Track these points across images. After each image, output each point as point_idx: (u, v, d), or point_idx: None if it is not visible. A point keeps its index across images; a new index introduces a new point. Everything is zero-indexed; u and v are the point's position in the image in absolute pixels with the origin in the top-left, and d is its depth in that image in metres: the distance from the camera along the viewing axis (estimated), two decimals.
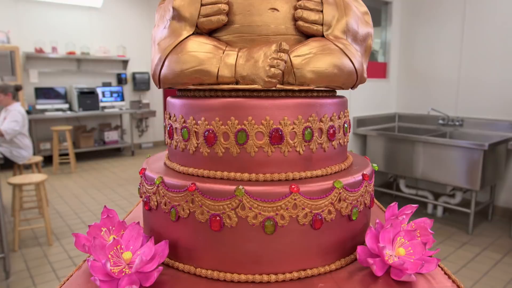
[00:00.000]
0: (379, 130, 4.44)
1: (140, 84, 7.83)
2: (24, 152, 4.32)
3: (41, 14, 6.72)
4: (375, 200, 1.06)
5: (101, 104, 7.11)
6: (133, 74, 7.79)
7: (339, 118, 0.81)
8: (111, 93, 7.36)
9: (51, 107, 6.71)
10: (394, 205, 0.84)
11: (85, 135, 7.02)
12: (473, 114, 4.28)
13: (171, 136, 0.84)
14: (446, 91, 4.49)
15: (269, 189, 0.70)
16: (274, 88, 0.72)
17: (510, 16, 3.90)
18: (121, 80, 7.58)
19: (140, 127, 8.21)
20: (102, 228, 0.78)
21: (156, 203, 0.78)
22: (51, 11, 6.81)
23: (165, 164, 0.88)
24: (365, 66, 0.84)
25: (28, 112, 6.40)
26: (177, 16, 0.78)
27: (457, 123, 4.35)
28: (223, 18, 0.76)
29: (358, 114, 4.45)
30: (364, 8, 0.89)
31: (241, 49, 0.75)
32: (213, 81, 0.74)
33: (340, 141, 0.83)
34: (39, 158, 4.57)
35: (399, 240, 0.73)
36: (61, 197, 4.93)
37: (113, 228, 0.78)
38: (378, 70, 4.78)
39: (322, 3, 0.77)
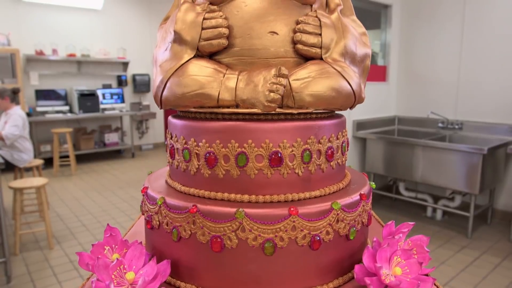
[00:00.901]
0: (378, 133, 4.46)
1: (140, 86, 7.85)
2: (25, 155, 4.34)
3: (41, 17, 6.73)
4: (373, 214, 1.07)
5: (102, 106, 7.12)
6: (133, 76, 7.81)
7: (337, 138, 0.83)
8: (111, 95, 7.38)
9: (52, 109, 6.73)
10: (391, 223, 0.85)
11: (85, 137, 7.03)
12: (472, 117, 4.29)
13: (172, 156, 0.86)
14: (446, 94, 4.51)
15: (268, 212, 0.71)
16: (273, 112, 0.74)
17: (509, 20, 3.91)
18: (121, 82, 7.60)
19: (140, 129, 8.23)
20: (105, 247, 0.80)
21: (158, 222, 0.80)
22: (51, 14, 6.83)
23: (166, 182, 0.89)
24: (363, 86, 0.86)
25: (29, 115, 6.42)
26: (178, 39, 0.80)
27: (456, 127, 4.36)
28: (223, 42, 0.78)
29: (357, 117, 4.46)
30: (362, 29, 0.90)
31: (241, 72, 0.77)
32: (214, 104, 0.76)
33: (338, 160, 0.84)
34: (39, 161, 4.58)
35: (396, 259, 0.75)
36: (61, 199, 4.95)
37: (116, 247, 0.80)
38: (378, 73, 4.80)
39: (320, 26, 0.79)
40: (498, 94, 4.07)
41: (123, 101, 7.50)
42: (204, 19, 0.78)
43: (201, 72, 0.76)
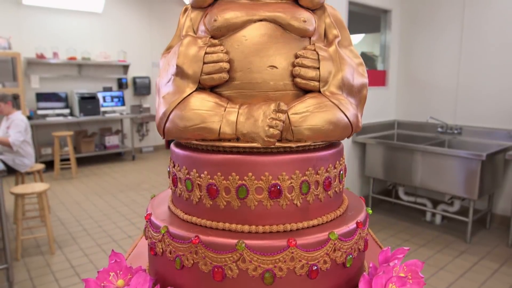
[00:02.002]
0: (378, 138, 4.48)
1: (141, 88, 7.87)
2: (27, 160, 4.36)
3: (42, 20, 6.76)
4: (371, 234, 1.10)
5: (102, 109, 7.15)
6: (134, 78, 7.84)
7: (334, 168, 0.86)
8: (112, 97, 7.41)
9: (52, 112, 6.76)
10: (387, 249, 0.88)
11: (86, 140, 7.06)
12: (471, 122, 4.32)
13: (175, 184, 0.88)
14: (445, 99, 4.53)
15: (268, 243, 0.74)
16: (273, 146, 0.77)
17: (508, 25, 3.94)
18: (121, 85, 7.63)
19: (140, 131, 8.25)
20: (110, 273, 0.82)
21: (161, 250, 0.82)
22: (52, 17, 6.85)
23: (169, 208, 0.92)
24: (359, 116, 0.88)
25: (30, 118, 6.44)
26: (181, 73, 0.83)
27: (455, 131, 4.39)
28: (224, 76, 0.80)
29: None
30: (359, 60, 0.93)
31: (242, 105, 0.80)
32: (215, 137, 0.78)
33: (336, 189, 0.87)
34: (41, 166, 4.61)
35: (391, 286, 0.77)
36: (62, 203, 4.98)
37: (121, 273, 0.83)
38: (377, 78, 4.82)
39: (318, 59, 0.81)
40: (497, 99, 4.10)
41: (123, 103, 7.53)
42: (205, 53, 0.81)
43: (202, 106, 0.78)
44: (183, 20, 0.93)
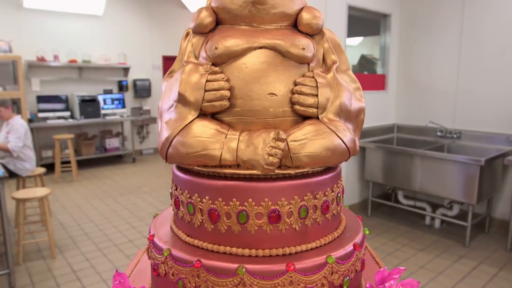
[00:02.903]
0: (377, 142, 4.50)
1: (141, 91, 7.90)
2: (28, 164, 4.38)
3: (43, 23, 6.78)
4: (369, 249, 1.12)
5: (103, 112, 7.17)
6: (134, 81, 7.86)
7: (332, 191, 0.88)
8: (112, 100, 7.43)
9: (53, 115, 6.78)
10: (383, 270, 0.90)
11: (86, 143, 7.08)
12: (470, 127, 4.34)
13: (177, 206, 0.90)
14: (444, 103, 4.55)
15: (267, 268, 0.76)
16: (272, 173, 0.79)
17: (506, 30, 3.96)
18: (122, 87, 7.65)
19: (141, 134, 8.28)
20: None
21: (164, 271, 0.84)
22: (52, 20, 6.88)
23: (171, 229, 0.94)
24: (357, 140, 0.90)
25: (30, 121, 6.47)
26: (183, 100, 0.85)
27: (455, 136, 4.41)
28: (225, 103, 0.83)
29: None
30: (357, 84, 0.95)
31: (242, 132, 0.82)
32: (217, 164, 0.81)
33: (334, 211, 0.89)
34: (42, 170, 4.62)
35: None
36: (63, 206, 5.00)
37: None
38: (377, 82, 4.85)
39: (317, 87, 0.84)
40: (495, 104, 4.12)
41: (124, 106, 7.55)
42: (207, 81, 0.83)
43: (204, 133, 0.80)
44: (185, 45, 0.95)
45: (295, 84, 0.84)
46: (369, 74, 4.94)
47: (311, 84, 0.83)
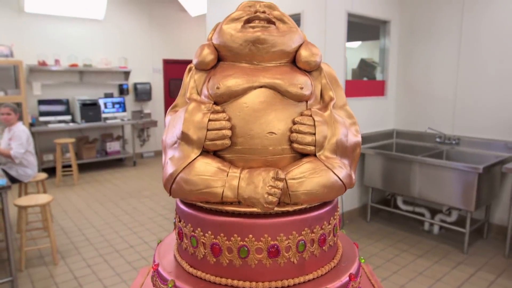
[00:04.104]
0: (377, 148, 4.54)
1: (142, 94, 7.94)
2: (30, 170, 4.42)
3: (44, 27, 6.82)
4: (366, 272, 1.15)
5: (103, 115, 7.21)
6: (135, 84, 7.90)
7: (329, 224, 0.91)
8: (113, 104, 7.46)
9: (54, 119, 6.81)
10: None
11: (87, 146, 7.12)
12: (469, 133, 4.37)
13: (181, 238, 0.94)
14: (443, 109, 4.58)
15: None
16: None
17: (506, 36, 3.99)
18: (122, 91, 7.69)
19: (141, 137, 8.31)
20: None
21: None
22: (53, 24, 6.91)
23: (175, 257, 0.98)
24: (353, 174, 0.94)
25: (32, 125, 6.51)
26: (186, 138, 0.88)
27: (453, 142, 4.44)
28: (226, 142, 0.86)
29: None
30: (353, 120, 0.99)
31: (243, 169, 0.85)
32: (218, 201, 0.84)
33: (330, 243, 0.93)
34: (43, 176, 4.65)
35: None
36: (64, 211, 5.03)
37: None
38: (377, 88, 4.88)
39: (314, 125, 0.87)
40: (494, 111, 4.15)
41: (124, 109, 7.58)
42: (209, 120, 0.86)
43: (206, 171, 0.84)
44: (187, 80, 0.98)
45: (294, 123, 0.88)
46: (369, 80, 4.97)
47: (309, 122, 0.87)
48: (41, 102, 6.75)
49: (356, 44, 6.13)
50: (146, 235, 4.27)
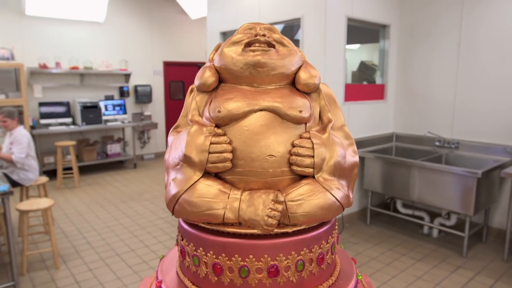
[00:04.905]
0: (376, 152, 4.56)
1: (142, 96, 7.96)
2: (31, 174, 4.44)
3: (44, 30, 6.85)
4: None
5: (104, 118, 7.24)
6: (135, 87, 7.92)
7: (327, 243, 0.94)
8: (114, 106, 7.49)
9: (55, 122, 6.84)
10: None
11: (88, 149, 7.14)
12: (468, 137, 4.39)
13: (183, 256, 0.97)
14: (442, 113, 4.61)
15: None
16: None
17: (505, 41, 4.01)
18: (123, 93, 7.71)
19: (142, 139, 8.34)
20: None
21: None
22: (54, 27, 6.94)
23: (177, 274, 1.00)
24: (350, 194, 0.96)
25: (32, 127, 6.53)
26: (188, 161, 0.91)
27: (452, 146, 4.47)
28: (228, 165, 0.89)
29: (356, 136, 4.56)
30: (350, 141, 1.01)
31: (244, 191, 0.88)
32: (220, 222, 0.87)
33: (329, 261, 0.95)
34: (45, 179, 4.68)
35: None
36: (66, 214, 5.06)
37: None
38: (376, 91, 4.90)
39: (313, 148, 0.89)
40: (493, 115, 4.17)
41: (125, 112, 7.61)
42: (211, 143, 0.89)
43: (208, 194, 0.87)
44: (189, 101, 1.01)
45: (293, 145, 0.90)
46: (368, 84, 5.00)
47: (307, 145, 0.89)
48: (42, 104, 6.78)
49: (356, 45, 6.15)
50: (146, 239, 4.30)
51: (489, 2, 4.10)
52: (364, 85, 4.97)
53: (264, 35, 0.97)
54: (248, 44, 0.96)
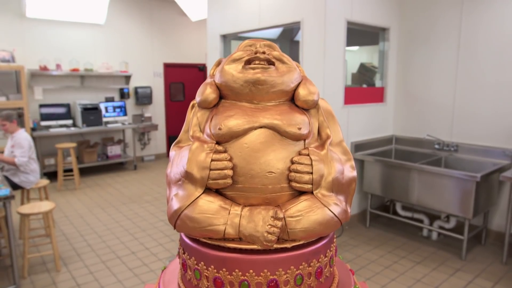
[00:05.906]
0: (376, 155, 4.58)
1: (142, 98, 7.98)
2: (32, 177, 4.46)
3: (45, 32, 6.86)
4: None
5: (104, 120, 7.26)
6: (135, 88, 7.94)
7: (325, 256, 0.96)
8: (114, 108, 7.51)
9: (55, 124, 6.86)
10: None
11: (88, 150, 7.17)
12: (467, 140, 4.41)
13: (185, 269, 0.99)
14: (442, 116, 4.63)
15: None
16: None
17: (504, 44, 4.02)
18: (123, 95, 7.73)
19: (142, 140, 8.36)
20: None
21: None
22: (55, 29, 6.96)
23: (179, 287, 1.02)
24: (348, 208, 0.98)
25: (33, 129, 6.55)
26: (190, 177, 0.93)
27: (452, 149, 4.49)
28: (228, 181, 0.91)
29: (356, 139, 4.59)
30: (348, 156, 1.03)
31: (244, 207, 0.90)
32: (220, 237, 0.89)
33: (327, 274, 0.97)
34: (45, 182, 4.70)
35: None
36: (66, 217, 5.08)
37: None
38: (376, 94, 4.92)
39: (311, 164, 0.92)
40: (492, 118, 4.19)
41: (125, 113, 7.63)
42: (212, 160, 0.91)
43: (209, 210, 0.89)
44: (191, 117, 1.03)
45: (292, 162, 0.92)
46: (368, 87, 5.02)
47: (306, 162, 0.91)
48: (42, 106, 6.79)
49: (355, 47, 6.16)
50: (147, 241, 4.32)
51: (488, 6, 4.12)
52: (364, 88, 4.99)
53: (264, 53, 0.99)
54: (248, 62, 0.98)
